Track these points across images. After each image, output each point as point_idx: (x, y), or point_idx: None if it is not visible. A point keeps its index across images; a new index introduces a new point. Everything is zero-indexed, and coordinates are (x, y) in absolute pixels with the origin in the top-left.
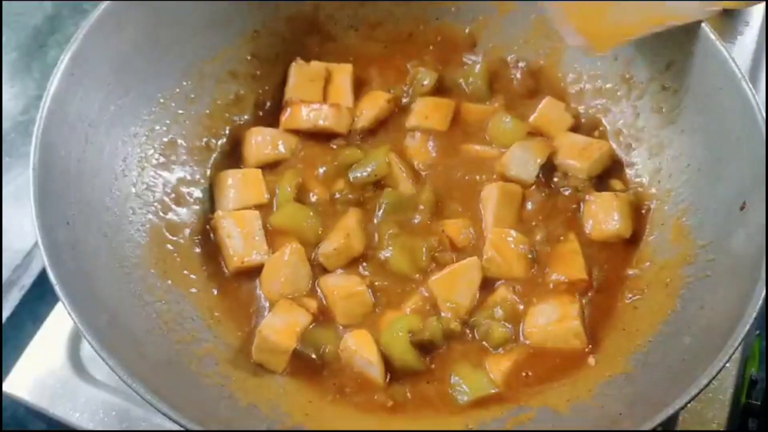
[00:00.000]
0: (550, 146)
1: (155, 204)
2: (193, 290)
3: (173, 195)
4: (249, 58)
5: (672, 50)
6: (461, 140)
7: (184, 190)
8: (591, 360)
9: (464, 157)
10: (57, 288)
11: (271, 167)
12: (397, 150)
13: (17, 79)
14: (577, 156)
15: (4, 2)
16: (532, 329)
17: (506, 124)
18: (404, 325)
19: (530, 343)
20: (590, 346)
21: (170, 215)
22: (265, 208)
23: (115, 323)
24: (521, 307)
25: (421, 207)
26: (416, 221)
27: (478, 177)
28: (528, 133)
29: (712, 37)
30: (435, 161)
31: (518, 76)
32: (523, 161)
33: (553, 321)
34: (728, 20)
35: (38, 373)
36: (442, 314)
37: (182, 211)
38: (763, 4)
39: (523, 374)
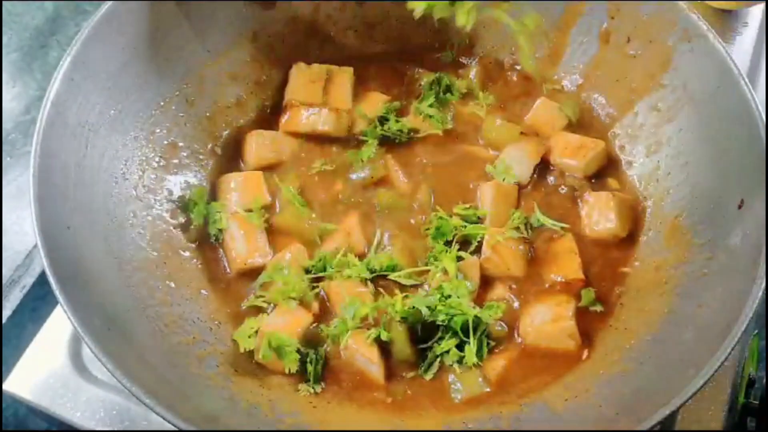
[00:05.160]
0: (545, 146)
1: (156, 207)
2: (195, 292)
3: (174, 197)
4: (248, 60)
5: (671, 49)
6: (457, 141)
7: (185, 192)
8: (584, 353)
9: (460, 158)
10: (57, 293)
11: (271, 169)
12: (394, 151)
13: (18, 79)
14: (573, 155)
15: (4, 2)
16: (527, 329)
17: (498, 125)
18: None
19: (525, 342)
20: (585, 346)
21: (171, 218)
22: (267, 210)
23: (115, 326)
24: (517, 305)
25: (417, 207)
26: (413, 221)
27: (473, 177)
28: (522, 134)
29: (711, 36)
30: (431, 162)
31: (514, 78)
32: (517, 162)
33: (548, 321)
34: (728, 20)
35: (39, 372)
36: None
37: (183, 213)
38: (763, 4)
39: (518, 373)
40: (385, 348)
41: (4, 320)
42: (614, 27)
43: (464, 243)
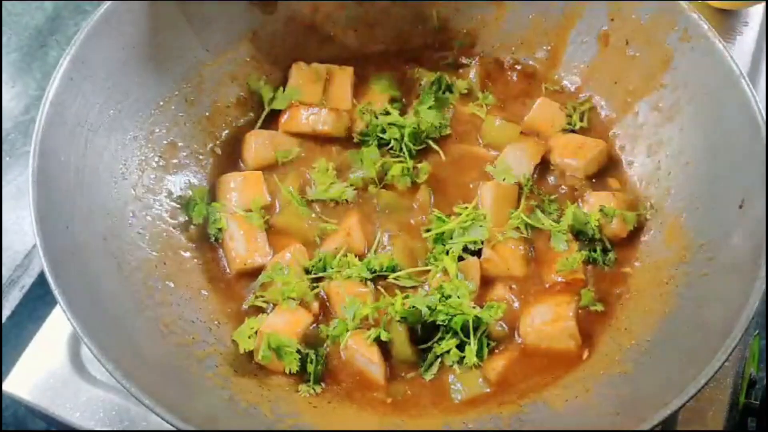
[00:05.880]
0: (545, 146)
1: (155, 207)
2: (195, 292)
3: (174, 197)
4: (248, 59)
5: (671, 49)
6: (457, 141)
7: (185, 192)
8: (584, 353)
9: (460, 158)
10: (56, 293)
11: (271, 169)
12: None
13: (18, 79)
14: (573, 155)
15: (4, 2)
16: (527, 329)
17: (498, 126)
18: (401, 312)
19: (525, 342)
20: (585, 346)
21: (171, 218)
22: (267, 210)
23: (114, 327)
24: (517, 306)
25: (417, 207)
26: (413, 221)
27: (473, 177)
28: (522, 134)
29: (711, 36)
30: (431, 162)
31: (514, 78)
32: (517, 162)
33: (549, 321)
34: (728, 20)
35: (39, 372)
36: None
37: (183, 213)
38: (763, 4)
39: (518, 373)
40: (385, 348)
41: (3, 320)
42: (614, 28)
43: None
